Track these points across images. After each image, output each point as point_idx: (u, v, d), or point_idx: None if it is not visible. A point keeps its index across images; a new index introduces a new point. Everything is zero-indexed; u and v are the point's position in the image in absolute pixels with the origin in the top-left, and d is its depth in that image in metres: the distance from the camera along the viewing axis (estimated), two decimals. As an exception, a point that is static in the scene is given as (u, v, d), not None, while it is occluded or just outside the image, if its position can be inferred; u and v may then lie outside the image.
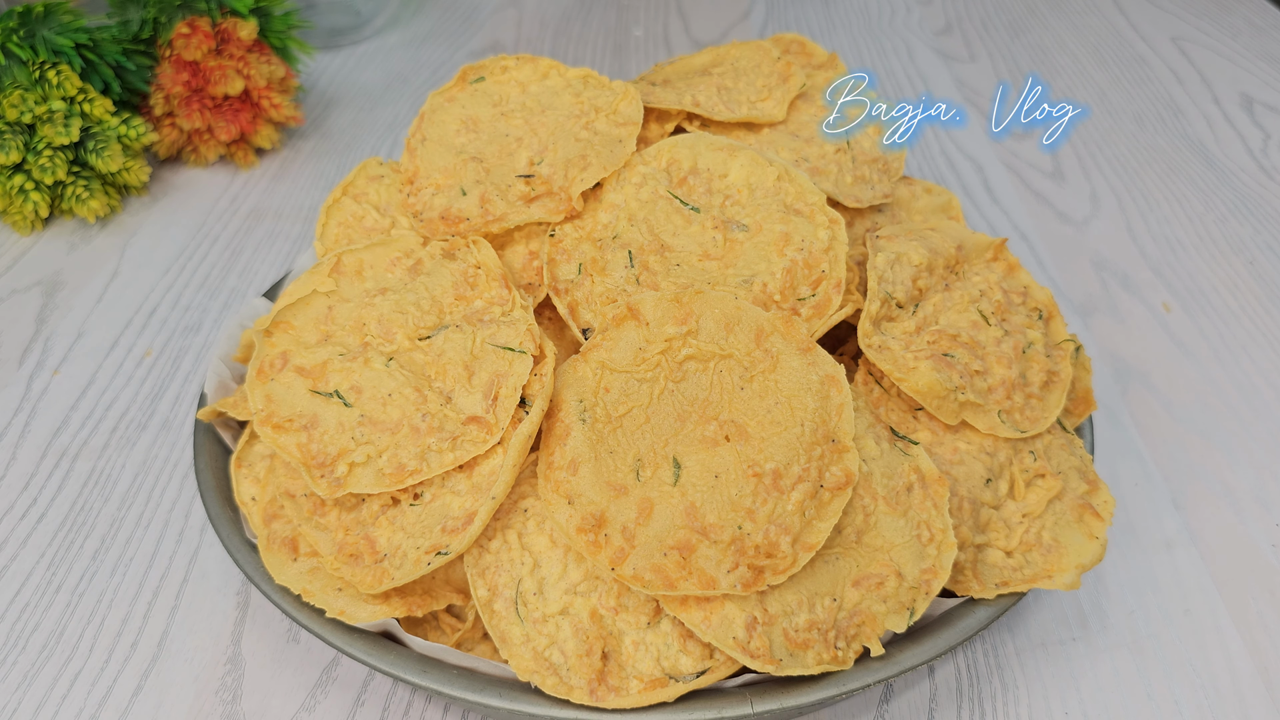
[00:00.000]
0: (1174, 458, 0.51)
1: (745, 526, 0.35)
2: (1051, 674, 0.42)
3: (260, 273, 0.65)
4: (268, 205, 0.72)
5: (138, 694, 0.41)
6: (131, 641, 0.43)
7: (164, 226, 0.69)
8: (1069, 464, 0.41)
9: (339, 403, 0.39)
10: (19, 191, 0.65)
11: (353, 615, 0.37)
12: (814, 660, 0.35)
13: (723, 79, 0.50)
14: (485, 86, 0.50)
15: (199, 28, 0.69)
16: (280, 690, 0.41)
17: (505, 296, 0.41)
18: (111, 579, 0.46)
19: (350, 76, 0.89)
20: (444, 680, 0.35)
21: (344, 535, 0.38)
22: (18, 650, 0.43)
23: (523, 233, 0.45)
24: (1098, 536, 0.39)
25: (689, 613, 0.35)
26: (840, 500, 0.36)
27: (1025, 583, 0.38)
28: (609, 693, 0.35)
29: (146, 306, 0.62)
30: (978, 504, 0.39)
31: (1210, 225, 0.69)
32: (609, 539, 0.35)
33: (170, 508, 0.49)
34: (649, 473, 0.37)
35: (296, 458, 0.38)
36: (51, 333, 0.60)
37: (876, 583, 0.36)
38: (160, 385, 0.56)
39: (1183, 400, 0.55)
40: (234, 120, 0.71)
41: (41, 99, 0.64)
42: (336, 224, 0.48)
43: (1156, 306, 0.62)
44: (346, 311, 0.42)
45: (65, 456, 0.52)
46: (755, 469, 0.36)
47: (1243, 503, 0.49)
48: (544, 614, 0.36)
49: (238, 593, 0.45)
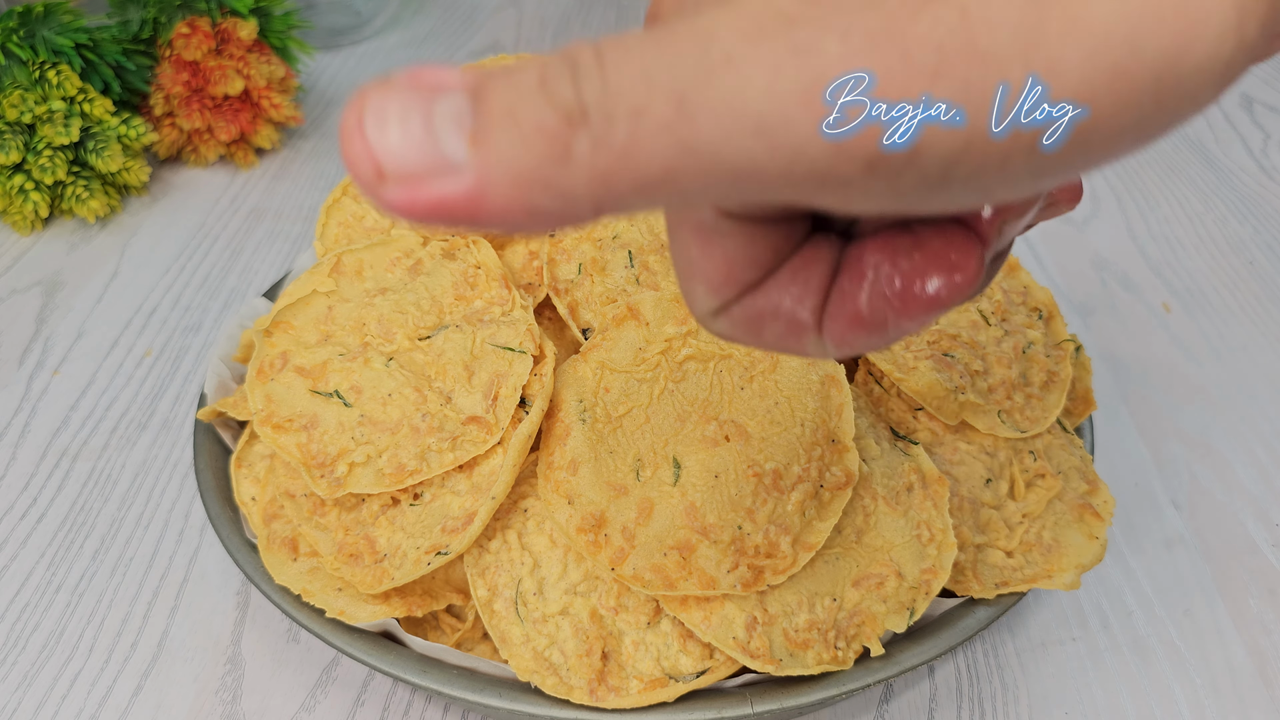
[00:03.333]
0: (1174, 457, 0.51)
1: (745, 526, 0.35)
2: (1051, 674, 0.42)
3: (260, 272, 0.65)
4: (268, 205, 0.72)
5: (138, 694, 0.41)
6: (131, 641, 0.43)
7: (164, 226, 0.69)
8: (1069, 464, 0.41)
9: (339, 403, 0.39)
10: (19, 191, 0.65)
11: (353, 615, 0.37)
12: (814, 660, 0.35)
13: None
14: (485, 86, 0.50)
15: (199, 28, 0.69)
16: (280, 690, 0.41)
17: (505, 296, 0.41)
18: (111, 579, 0.46)
19: (350, 76, 0.89)
20: (444, 680, 0.35)
21: (344, 535, 0.38)
22: (18, 650, 0.43)
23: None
24: (1098, 536, 0.39)
25: (689, 613, 0.35)
26: (840, 500, 0.36)
27: (1025, 583, 0.38)
28: (609, 693, 0.35)
29: (146, 306, 0.62)
30: (978, 504, 0.40)
31: (1210, 225, 0.69)
32: (609, 539, 0.35)
33: (170, 508, 0.49)
34: (649, 473, 0.37)
35: (296, 458, 0.38)
36: (51, 333, 0.60)
37: (877, 583, 0.36)
38: (160, 385, 0.56)
39: (1183, 400, 0.55)
40: (234, 120, 0.71)
41: (41, 99, 0.64)
42: (336, 224, 0.48)
43: (1156, 306, 0.62)
44: (346, 311, 0.42)
45: (65, 457, 0.52)
46: (755, 469, 0.36)
47: (1243, 502, 0.49)
48: (544, 614, 0.36)
49: (237, 593, 0.45)
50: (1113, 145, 0.15)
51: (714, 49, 0.15)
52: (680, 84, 0.15)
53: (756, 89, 0.14)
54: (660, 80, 0.15)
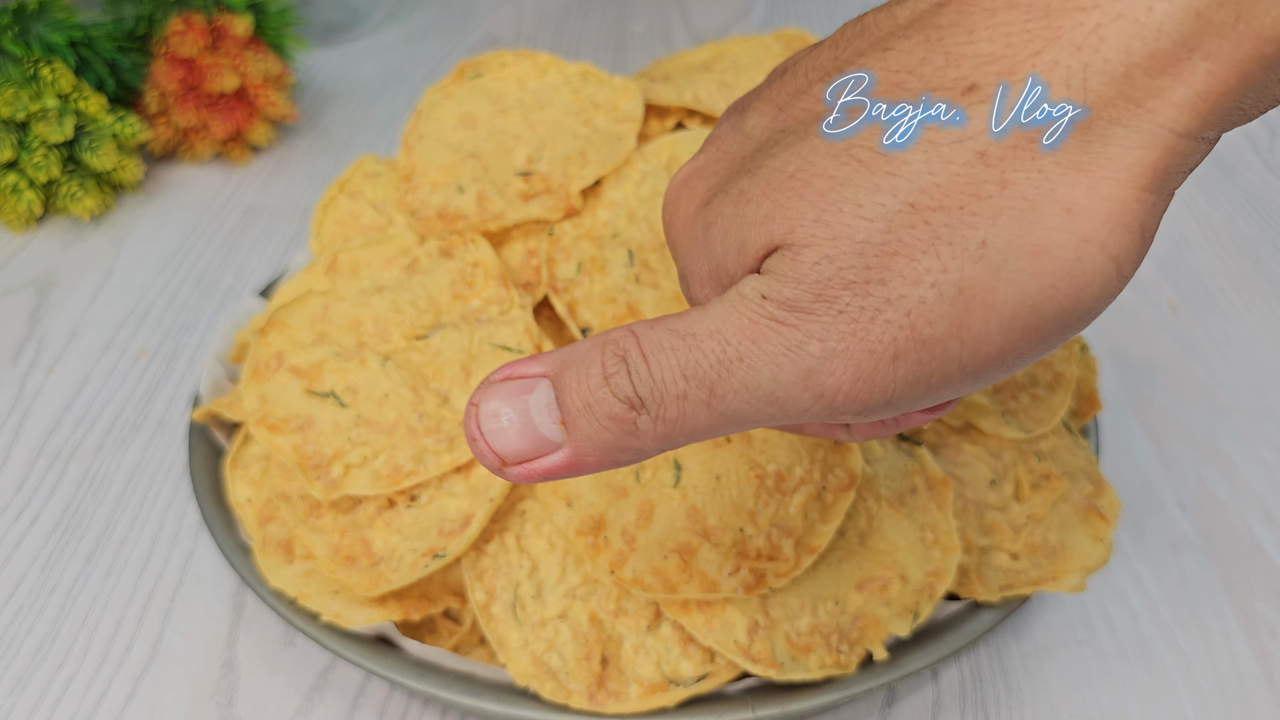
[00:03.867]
0: (1180, 459, 0.51)
1: (747, 529, 0.35)
2: (1056, 677, 0.41)
3: (256, 271, 0.65)
4: (263, 203, 0.71)
5: (132, 698, 0.40)
6: (126, 645, 0.43)
7: (158, 225, 0.69)
8: (1075, 465, 0.41)
9: (335, 403, 0.39)
10: (13, 190, 0.64)
11: (349, 619, 0.36)
12: (816, 664, 0.34)
13: (724, 75, 0.49)
14: (483, 83, 0.49)
15: (194, 24, 0.69)
16: (275, 694, 0.41)
17: (503, 295, 0.41)
18: (106, 582, 0.45)
19: (347, 73, 0.88)
20: (441, 685, 0.35)
21: (340, 538, 0.38)
22: (11, 654, 0.42)
23: (521, 231, 0.44)
24: (1103, 539, 0.39)
25: (690, 616, 0.34)
26: (844, 502, 0.36)
27: (1030, 585, 0.37)
28: (608, 698, 0.34)
29: (141, 306, 0.62)
30: (982, 506, 0.39)
31: (1216, 223, 0.68)
32: (608, 541, 0.35)
33: (165, 510, 0.49)
34: (649, 474, 0.36)
35: (292, 459, 0.38)
36: (45, 332, 0.59)
37: (880, 586, 0.36)
38: (155, 385, 0.56)
39: (1188, 400, 0.54)
40: (229, 117, 0.71)
41: (35, 96, 0.64)
42: (332, 222, 0.47)
43: (1162, 306, 0.61)
44: (342, 311, 0.41)
45: (59, 458, 0.51)
46: (757, 470, 0.36)
47: (1249, 504, 0.49)
48: (542, 618, 0.36)
49: (233, 596, 0.44)
50: (1032, 360, 0.21)
51: (729, 350, 0.21)
52: (709, 376, 0.21)
53: (765, 378, 0.21)
54: (693, 374, 0.21)
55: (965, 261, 0.19)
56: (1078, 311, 0.19)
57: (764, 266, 0.21)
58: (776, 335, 0.20)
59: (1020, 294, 0.19)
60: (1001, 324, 0.19)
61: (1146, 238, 0.19)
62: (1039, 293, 0.19)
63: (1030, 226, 0.19)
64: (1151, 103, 0.18)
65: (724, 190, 0.23)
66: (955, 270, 0.19)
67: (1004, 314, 0.19)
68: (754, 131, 0.24)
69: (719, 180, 0.24)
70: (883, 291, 0.19)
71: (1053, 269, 0.19)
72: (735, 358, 0.21)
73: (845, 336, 0.20)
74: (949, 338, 0.19)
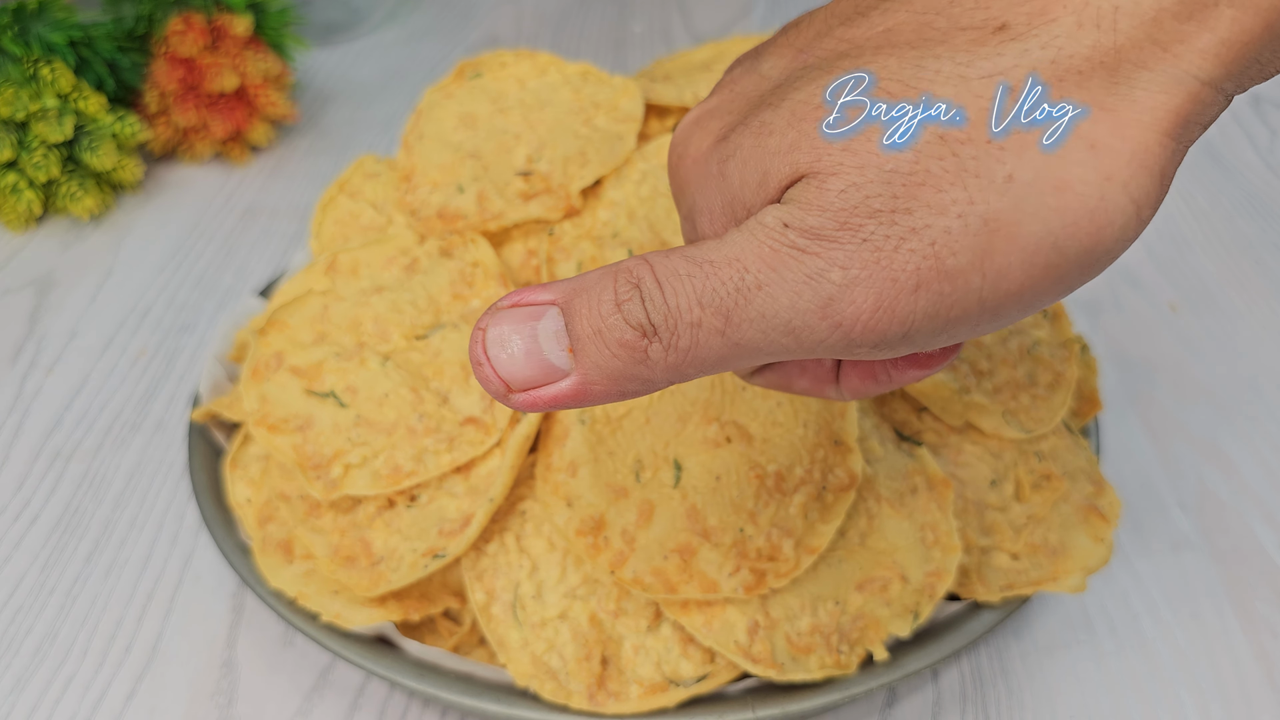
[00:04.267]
0: (1180, 459, 0.51)
1: (747, 529, 0.35)
2: (1057, 678, 0.41)
3: (255, 271, 0.64)
4: (263, 203, 0.71)
5: (131, 698, 0.40)
6: (125, 646, 0.42)
7: (158, 224, 0.69)
8: (1075, 465, 0.41)
9: (334, 403, 0.39)
10: (12, 190, 0.64)
11: (348, 619, 0.36)
12: (817, 665, 0.34)
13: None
14: (483, 82, 0.49)
15: (194, 24, 0.69)
16: (275, 695, 0.40)
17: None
18: (105, 582, 0.45)
19: (346, 73, 0.88)
20: (441, 685, 0.35)
21: (339, 538, 0.38)
22: (11, 654, 0.42)
23: (521, 230, 0.44)
24: (1103, 539, 0.39)
25: (690, 617, 0.34)
26: (844, 502, 0.36)
27: (1030, 586, 0.37)
28: (608, 698, 0.34)
29: (141, 305, 0.61)
30: (983, 506, 0.39)
31: (1217, 223, 0.68)
32: (609, 541, 0.35)
33: (164, 510, 0.48)
34: (649, 474, 0.36)
35: (292, 459, 0.38)
36: (45, 332, 0.59)
37: (880, 586, 0.36)
38: (154, 385, 0.56)
39: (1189, 401, 0.54)
40: (229, 117, 0.70)
41: (35, 96, 0.64)
42: (332, 221, 0.47)
43: (1162, 306, 0.61)
44: (342, 311, 0.41)
45: (59, 458, 0.51)
46: (757, 471, 0.36)
47: (1250, 504, 0.49)
48: (542, 618, 0.35)
49: (232, 596, 0.44)
50: (1050, 301, 0.21)
51: (747, 277, 0.20)
52: (726, 303, 0.20)
53: (783, 306, 0.20)
54: (709, 301, 0.21)
55: (991, 194, 0.19)
56: (1097, 252, 0.19)
57: (786, 196, 0.21)
58: (797, 263, 0.20)
59: (1044, 229, 0.19)
60: (1024, 259, 0.19)
61: (1165, 183, 0.19)
62: (1062, 229, 0.19)
63: (1055, 161, 0.19)
64: (1178, 48, 0.19)
65: (743, 124, 0.23)
66: (981, 202, 0.19)
67: (1027, 248, 0.19)
68: (771, 72, 0.24)
69: (735, 117, 0.24)
70: (908, 221, 0.19)
71: (1076, 205, 0.19)
72: (754, 285, 0.20)
73: (868, 264, 0.20)
74: (971, 270, 0.19)
